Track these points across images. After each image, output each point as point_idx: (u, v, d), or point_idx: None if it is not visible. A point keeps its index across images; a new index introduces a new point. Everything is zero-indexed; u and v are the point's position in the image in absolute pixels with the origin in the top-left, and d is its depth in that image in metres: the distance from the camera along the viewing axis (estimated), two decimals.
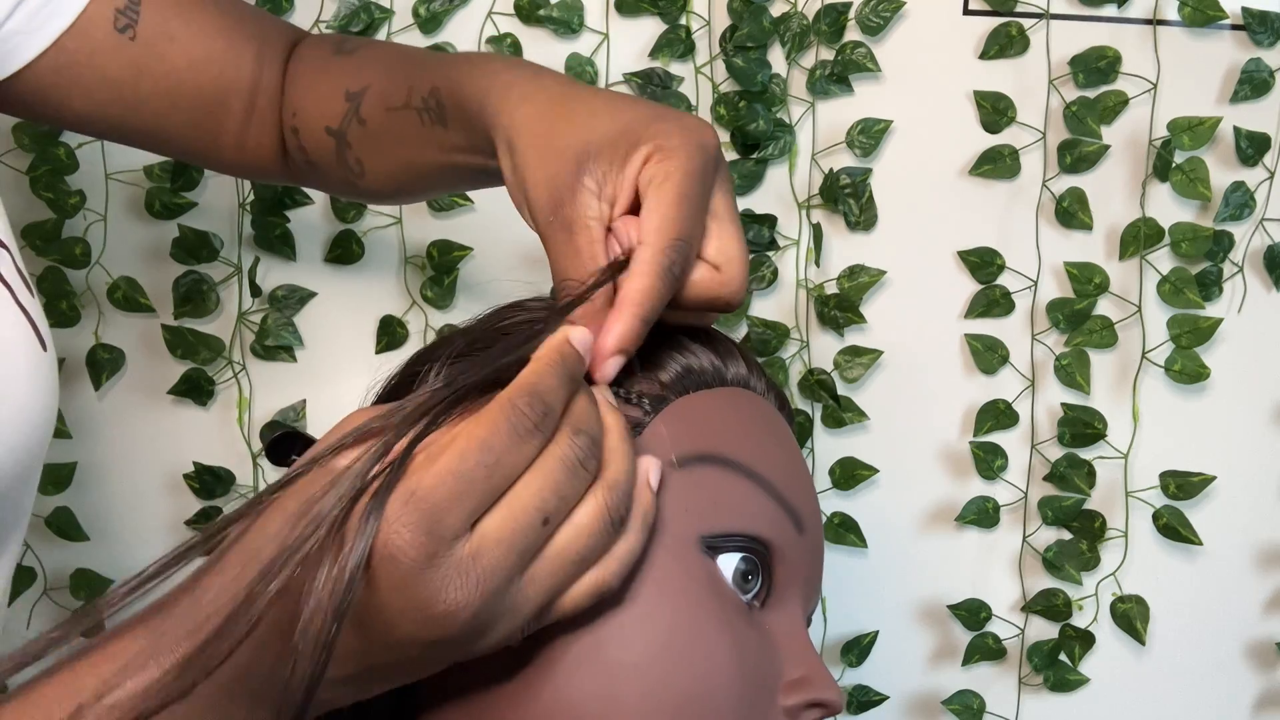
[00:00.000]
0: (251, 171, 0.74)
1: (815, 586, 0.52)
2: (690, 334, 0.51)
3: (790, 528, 0.49)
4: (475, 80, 0.56)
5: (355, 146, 0.66)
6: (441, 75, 0.60)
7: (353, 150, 0.66)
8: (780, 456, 0.50)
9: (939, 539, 1.10)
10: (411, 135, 0.62)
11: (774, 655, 0.48)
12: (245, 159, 0.72)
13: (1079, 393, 1.05)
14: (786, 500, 0.49)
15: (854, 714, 1.10)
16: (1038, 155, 1.03)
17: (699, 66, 1.03)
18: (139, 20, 0.65)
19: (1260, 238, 1.03)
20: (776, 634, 0.48)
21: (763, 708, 0.46)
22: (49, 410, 0.59)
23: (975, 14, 1.02)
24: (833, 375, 1.05)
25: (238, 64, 0.69)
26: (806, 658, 0.48)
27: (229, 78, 0.68)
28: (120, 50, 0.65)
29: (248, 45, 0.69)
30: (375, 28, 1.02)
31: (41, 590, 1.11)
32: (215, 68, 0.68)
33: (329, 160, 0.68)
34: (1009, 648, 1.10)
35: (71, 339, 1.08)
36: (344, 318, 1.08)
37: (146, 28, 0.65)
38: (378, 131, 0.64)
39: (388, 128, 0.63)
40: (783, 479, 0.49)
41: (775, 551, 0.48)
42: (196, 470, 1.08)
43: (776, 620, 0.49)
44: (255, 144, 0.71)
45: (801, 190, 1.04)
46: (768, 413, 0.52)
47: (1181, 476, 1.06)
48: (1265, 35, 1.00)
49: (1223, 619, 1.10)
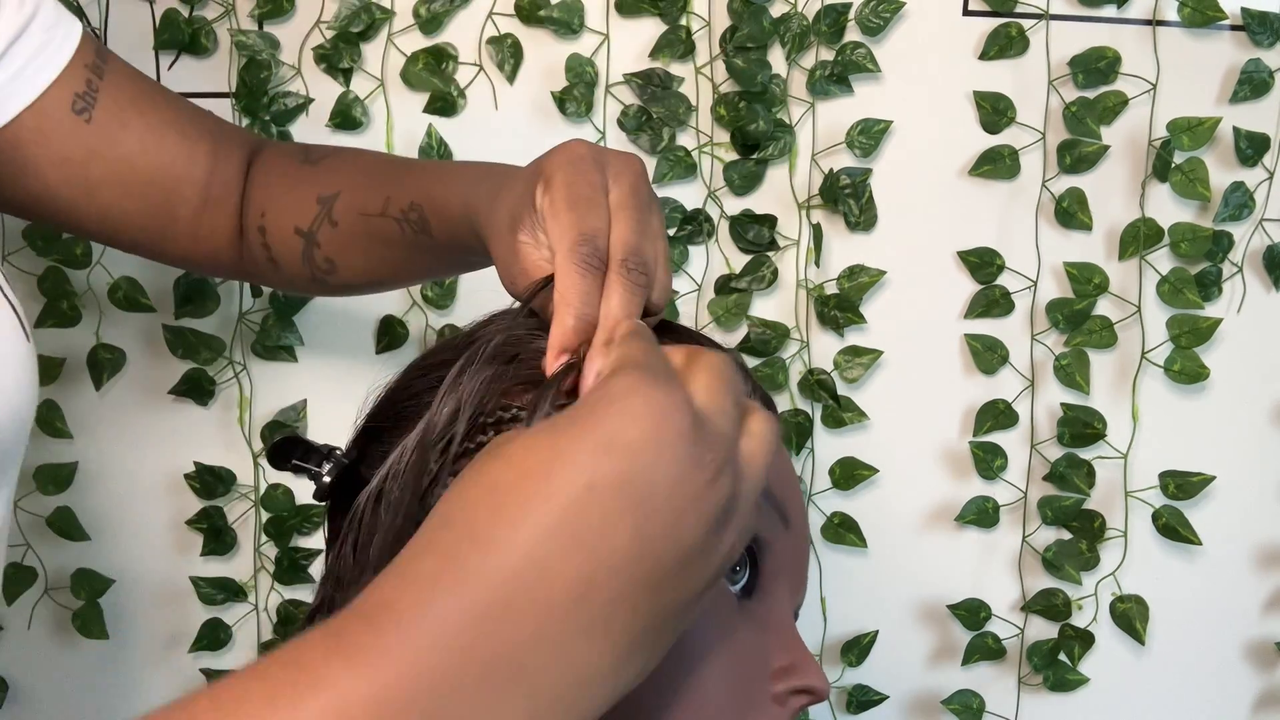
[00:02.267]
0: (205, 263, 0.76)
1: (802, 579, 0.53)
2: (675, 338, 0.52)
3: (777, 522, 0.50)
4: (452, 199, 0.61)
5: (324, 246, 0.69)
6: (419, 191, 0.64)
7: (321, 250, 0.70)
8: None
9: (939, 539, 1.10)
10: (391, 238, 0.66)
11: (762, 644, 0.49)
12: (199, 250, 0.74)
13: (1079, 393, 1.05)
14: (773, 496, 0.50)
15: (854, 714, 1.10)
16: (1037, 155, 1.03)
17: (699, 67, 1.03)
18: (96, 104, 0.68)
19: (1260, 238, 1.04)
20: (764, 624, 0.50)
21: (752, 695, 0.48)
22: (31, 402, 0.61)
23: (975, 14, 1.02)
24: (833, 375, 1.05)
25: (191, 155, 0.71)
26: (794, 646, 0.50)
27: (181, 168, 0.71)
28: (76, 132, 0.67)
29: (201, 139, 0.72)
30: (376, 28, 1.02)
31: (42, 590, 1.11)
32: (168, 156, 0.70)
33: (294, 259, 0.71)
34: (1009, 647, 1.10)
35: (72, 339, 1.08)
36: (344, 318, 1.08)
37: (102, 112, 0.68)
38: (351, 233, 0.68)
39: (365, 231, 0.67)
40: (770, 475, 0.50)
41: (763, 545, 0.50)
42: (197, 470, 1.09)
43: (764, 611, 0.50)
44: (208, 237, 0.73)
45: (801, 190, 1.04)
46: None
47: (1181, 476, 1.06)
48: (1265, 36, 1.00)
49: (1222, 619, 1.10)
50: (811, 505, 1.08)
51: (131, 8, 1.02)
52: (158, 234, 0.72)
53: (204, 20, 1.03)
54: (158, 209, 0.71)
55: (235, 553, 1.11)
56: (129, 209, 0.70)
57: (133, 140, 0.69)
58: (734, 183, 1.04)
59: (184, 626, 1.12)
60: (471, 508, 0.36)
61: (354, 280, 0.71)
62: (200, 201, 0.72)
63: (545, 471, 0.35)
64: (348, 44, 1.02)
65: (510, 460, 0.36)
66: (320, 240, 0.69)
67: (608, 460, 0.35)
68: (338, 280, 0.71)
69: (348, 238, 0.68)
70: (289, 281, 0.75)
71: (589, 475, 0.35)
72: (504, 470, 0.36)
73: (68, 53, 0.67)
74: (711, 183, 1.04)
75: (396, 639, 0.33)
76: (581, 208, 0.50)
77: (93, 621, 1.11)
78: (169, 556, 1.12)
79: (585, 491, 0.35)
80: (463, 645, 0.34)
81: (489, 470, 0.37)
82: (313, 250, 0.70)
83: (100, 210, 0.70)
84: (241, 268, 0.75)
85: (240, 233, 0.74)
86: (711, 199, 1.04)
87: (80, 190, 0.69)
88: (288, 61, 1.03)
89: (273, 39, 1.03)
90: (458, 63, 1.03)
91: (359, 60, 1.03)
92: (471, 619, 0.34)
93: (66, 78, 0.67)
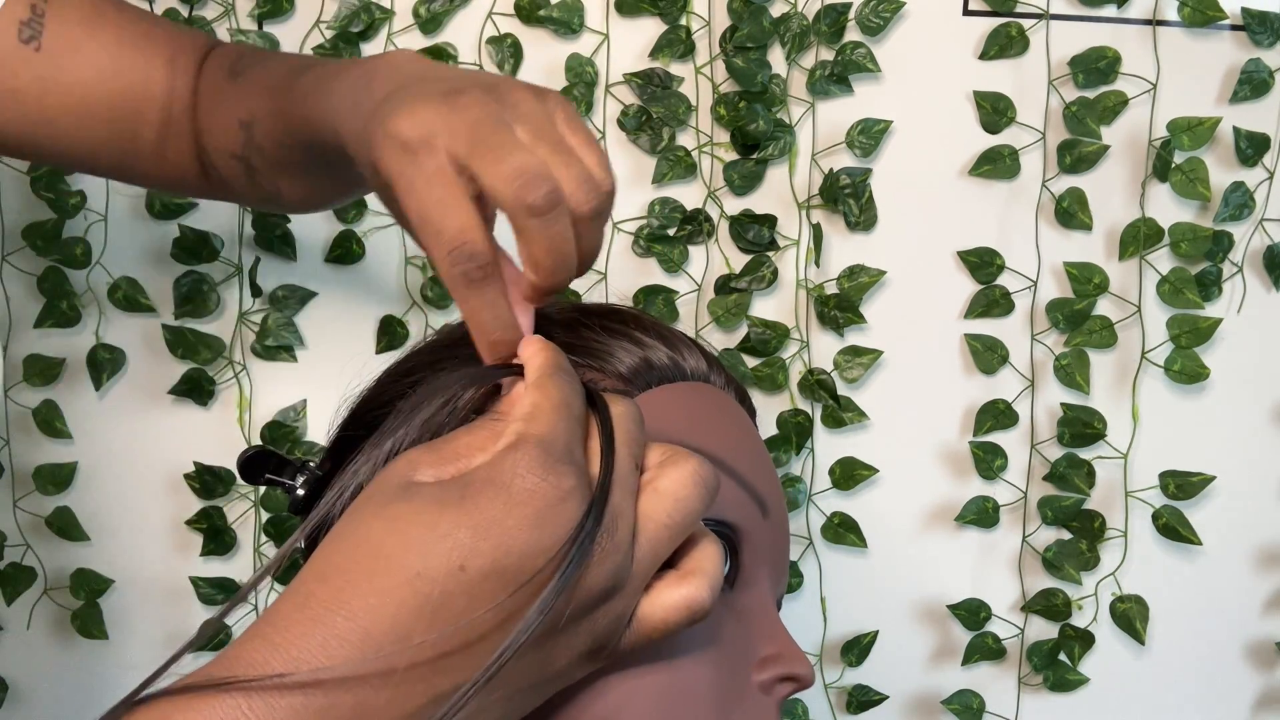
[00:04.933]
0: (174, 185, 0.72)
1: (783, 568, 0.54)
2: (648, 332, 0.53)
3: (756, 512, 0.51)
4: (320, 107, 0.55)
5: (262, 171, 0.65)
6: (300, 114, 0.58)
7: (260, 174, 0.65)
8: (743, 444, 0.52)
9: (939, 539, 1.10)
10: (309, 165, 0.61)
11: (746, 634, 0.50)
12: (166, 171, 0.70)
13: (1079, 393, 1.05)
14: (751, 486, 0.51)
15: (854, 714, 1.10)
16: (1037, 155, 1.03)
17: (699, 67, 1.03)
18: (44, 30, 0.64)
19: (1260, 238, 1.04)
20: (747, 613, 0.50)
21: (738, 684, 0.48)
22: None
23: (975, 14, 1.02)
24: (833, 375, 1.05)
25: (147, 74, 0.67)
26: (777, 634, 0.50)
27: (139, 88, 0.67)
28: (26, 63, 0.64)
29: (157, 54, 0.67)
30: (375, 28, 1.02)
31: (41, 590, 1.11)
32: (125, 78, 0.66)
33: (242, 182, 0.67)
34: (1009, 647, 1.10)
35: (72, 339, 1.08)
36: (344, 318, 1.08)
37: (51, 38, 0.64)
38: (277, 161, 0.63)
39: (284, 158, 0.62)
40: (746, 465, 0.51)
41: (742, 535, 0.50)
42: (197, 470, 1.08)
43: (746, 600, 0.50)
44: (175, 157, 0.69)
45: (801, 190, 1.04)
46: (728, 404, 0.54)
47: (1181, 476, 1.06)
48: (1265, 35, 1.00)
49: (1222, 619, 1.10)
50: (811, 505, 1.08)
51: None
52: (122, 158, 0.68)
53: (203, 20, 1.03)
54: (120, 133, 0.67)
55: (235, 553, 1.11)
56: (91, 136, 0.67)
57: (86, 64, 0.65)
58: (734, 183, 1.04)
59: (183, 626, 1.12)
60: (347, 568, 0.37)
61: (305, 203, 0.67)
62: (162, 121, 0.68)
63: (423, 549, 0.36)
64: (347, 44, 1.02)
65: (395, 526, 0.37)
66: (256, 165, 0.65)
67: (484, 544, 0.36)
68: (290, 202, 0.67)
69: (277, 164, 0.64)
70: (250, 202, 0.71)
71: (462, 557, 0.36)
72: (386, 535, 0.37)
73: None
74: (711, 183, 1.04)
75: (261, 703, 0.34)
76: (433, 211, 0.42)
77: (92, 622, 1.11)
78: (168, 557, 1.12)
79: (457, 572, 0.36)
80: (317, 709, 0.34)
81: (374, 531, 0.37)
82: (253, 175, 0.65)
83: (61, 141, 0.66)
84: (209, 189, 0.71)
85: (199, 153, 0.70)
86: (711, 199, 1.04)
87: (37, 122, 0.65)
88: None
89: (272, 39, 1.03)
90: (457, 62, 1.03)
91: None
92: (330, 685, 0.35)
93: (8, 8, 0.63)
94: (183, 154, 0.69)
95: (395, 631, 0.36)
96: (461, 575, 0.36)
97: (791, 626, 1.10)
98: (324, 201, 0.67)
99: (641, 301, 1.05)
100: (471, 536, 0.36)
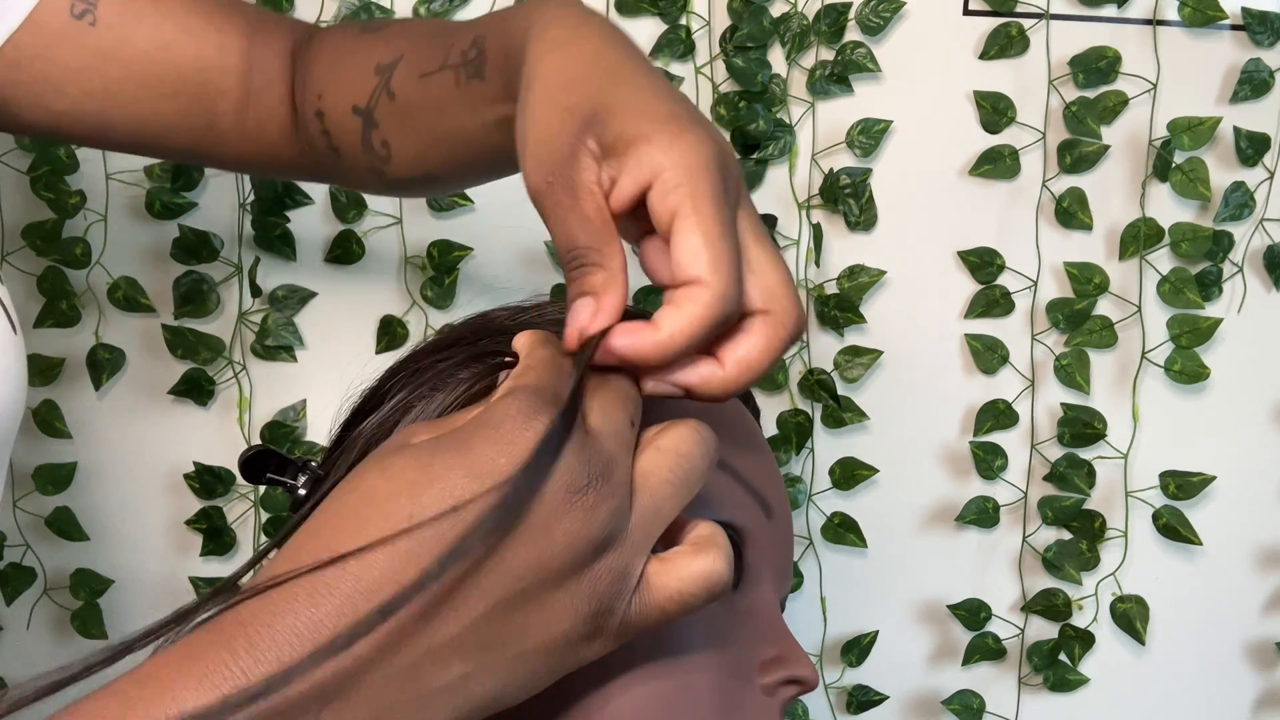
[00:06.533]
0: (264, 162, 0.68)
1: (787, 570, 0.54)
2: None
3: (760, 514, 0.51)
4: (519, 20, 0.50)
5: (383, 125, 0.60)
6: (488, 23, 0.54)
7: (379, 130, 0.61)
8: (747, 446, 0.52)
9: (939, 539, 1.10)
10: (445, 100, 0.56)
11: (750, 636, 0.49)
12: (252, 148, 0.66)
13: (1079, 393, 1.05)
14: (755, 488, 0.51)
15: (854, 714, 1.10)
16: (1038, 155, 1.03)
17: (699, 66, 1.03)
18: (98, 4, 0.62)
19: (1260, 238, 1.04)
20: (751, 616, 0.50)
21: (741, 687, 0.48)
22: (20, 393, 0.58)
23: (975, 14, 1.02)
24: (833, 375, 1.05)
25: (220, 41, 0.64)
26: (781, 637, 0.50)
27: (212, 57, 0.63)
28: (82, 38, 0.62)
29: (231, 21, 0.64)
30: None
31: (41, 590, 1.11)
32: (193, 47, 0.63)
33: (354, 145, 0.62)
34: (1009, 648, 1.10)
35: (71, 339, 1.08)
36: (344, 318, 1.08)
37: (108, 10, 0.62)
38: (408, 104, 0.59)
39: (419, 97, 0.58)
40: (751, 468, 0.51)
41: (746, 537, 0.50)
42: (196, 470, 1.08)
43: (750, 602, 0.50)
44: (258, 130, 0.66)
45: (801, 190, 1.04)
46: (732, 407, 0.54)
47: (1181, 476, 1.06)
48: (1265, 35, 1.00)
49: (1222, 619, 1.10)
50: (811, 505, 1.08)
51: None
52: (202, 135, 0.65)
53: None
54: (194, 106, 0.64)
55: (235, 553, 1.11)
56: (163, 110, 0.64)
57: (148, 33, 0.62)
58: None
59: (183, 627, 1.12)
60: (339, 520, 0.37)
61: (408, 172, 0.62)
62: (242, 93, 0.65)
63: (414, 491, 0.36)
64: None
65: (387, 473, 0.37)
66: (378, 118, 0.60)
67: (475, 485, 0.36)
68: (393, 171, 0.62)
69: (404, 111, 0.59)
70: (350, 174, 0.66)
71: (455, 497, 0.36)
72: (379, 481, 0.37)
73: None
74: None
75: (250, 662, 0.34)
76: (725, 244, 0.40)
77: (92, 621, 1.11)
78: (168, 557, 1.12)
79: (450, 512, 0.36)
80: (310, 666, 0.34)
81: (367, 479, 0.37)
82: (370, 132, 0.61)
83: (133, 117, 0.64)
84: (302, 163, 0.68)
85: (294, 123, 0.66)
86: None
87: (105, 99, 0.63)
88: None
89: None
90: None
91: None
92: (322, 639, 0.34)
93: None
94: (268, 128, 0.66)
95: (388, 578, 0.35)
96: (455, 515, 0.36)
97: (792, 626, 1.10)
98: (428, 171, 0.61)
99: (642, 302, 1.05)
100: (465, 477, 0.36)
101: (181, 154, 0.68)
